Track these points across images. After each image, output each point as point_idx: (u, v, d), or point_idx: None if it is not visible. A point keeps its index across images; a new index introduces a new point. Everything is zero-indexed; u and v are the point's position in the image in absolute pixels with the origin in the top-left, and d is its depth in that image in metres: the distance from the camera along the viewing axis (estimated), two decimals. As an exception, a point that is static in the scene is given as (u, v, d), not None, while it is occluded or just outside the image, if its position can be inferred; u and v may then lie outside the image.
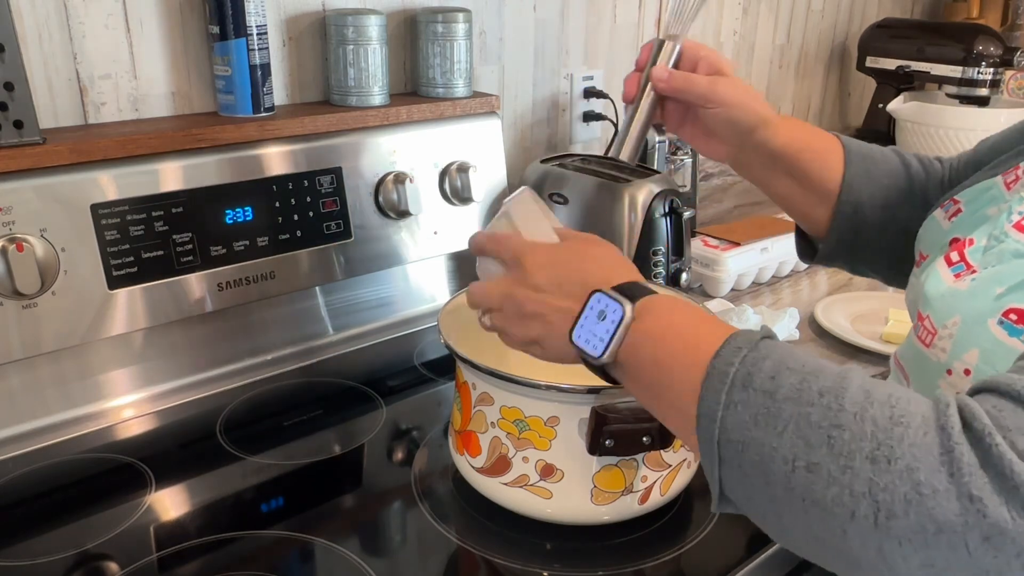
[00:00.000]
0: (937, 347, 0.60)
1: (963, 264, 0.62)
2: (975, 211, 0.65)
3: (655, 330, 0.54)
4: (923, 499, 0.40)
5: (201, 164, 0.91)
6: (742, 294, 1.28)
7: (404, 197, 1.04)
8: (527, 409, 0.69)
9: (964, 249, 0.63)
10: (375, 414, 0.94)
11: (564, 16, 1.34)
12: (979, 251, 0.61)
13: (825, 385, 0.45)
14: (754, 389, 0.46)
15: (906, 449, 0.41)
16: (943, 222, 0.68)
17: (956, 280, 0.61)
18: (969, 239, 0.63)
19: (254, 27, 0.94)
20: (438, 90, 1.13)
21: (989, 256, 0.60)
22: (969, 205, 0.66)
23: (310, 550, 0.73)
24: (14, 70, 0.79)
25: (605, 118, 1.41)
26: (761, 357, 0.48)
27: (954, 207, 0.68)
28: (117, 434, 0.90)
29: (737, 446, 0.46)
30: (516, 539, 0.73)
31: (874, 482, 0.41)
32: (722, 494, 0.49)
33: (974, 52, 1.66)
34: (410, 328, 1.14)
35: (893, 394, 0.44)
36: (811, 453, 0.43)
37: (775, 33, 1.75)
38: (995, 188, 0.65)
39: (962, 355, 0.57)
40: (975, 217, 0.64)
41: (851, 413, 0.43)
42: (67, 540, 0.73)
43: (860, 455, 0.42)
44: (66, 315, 0.84)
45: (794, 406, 0.45)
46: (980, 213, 0.64)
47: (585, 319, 0.57)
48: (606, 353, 0.55)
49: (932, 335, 0.61)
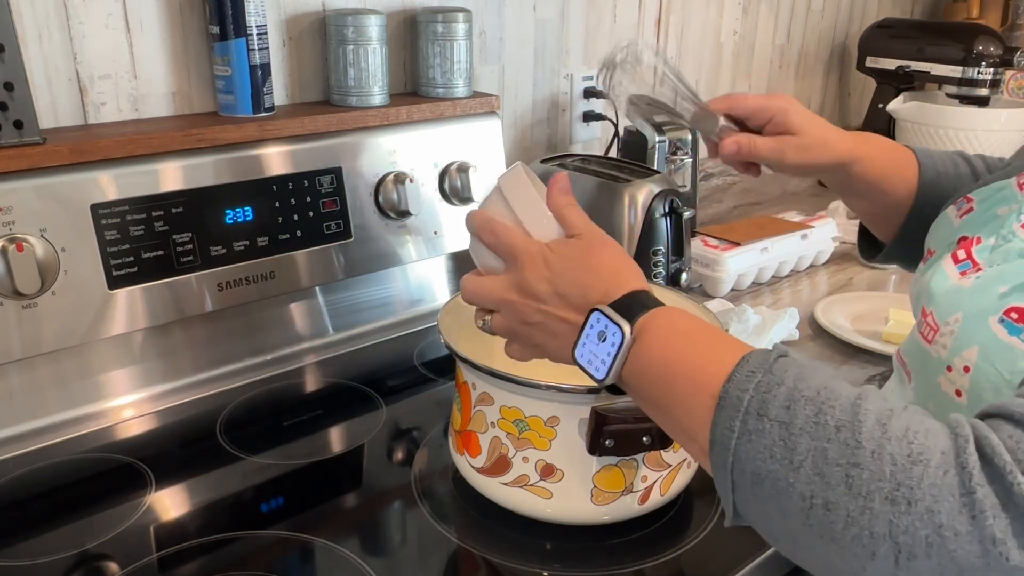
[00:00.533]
0: (938, 343, 0.60)
1: (969, 262, 0.62)
2: (986, 210, 0.65)
3: (658, 351, 0.54)
4: (944, 541, 0.40)
5: (201, 164, 0.91)
6: (742, 294, 1.28)
7: (404, 197, 1.04)
8: (527, 409, 0.69)
9: (971, 248, 0.63)
10: (375, 414, 0.94)
11: (564, 16, 1.34)
12: (986, 250, 0.61)
13: (842, 419, 0.44)
14: (769, 419, 0.46)
15: (926, 490, 0.41)
16: (954, 219, 0.68)
17: (962, 278, 0.61)
18: (976, 237, 0.63)
19: (254, 27, 0.94)
20: (438, 90, 1.13)
21: (995, 255, 0.60)
22: (981, 204, 0.67)
23: (310, 550, 0.73)
24: (14, 70, 0.79)
25: (605, 118, 1.41)
26: (775, 383, 0.47)
27: (967, 205, 0.68)
28: (117, 434, 0.90)
29: (752, 476, 0.46)
30: (516, 539, 0.73)
31: (894, 524, 0.41)
32: (736, 514, 0.49)
33: (974, 52, 1.66)
34: (410, 328, 1.14)
35: (910, 427, 0.43)
36: (829, 492, 0.43)
37: (775, 33, 1.75)
38: (1008, 188, 0.65)
39: (962, 351, 0.57)
40: (985, 216, 0.65)
41: (868, 450, 0.42)
42: (67, 540, 0.73)
43: (879, 496, 0.41)
44: (66, 315, 0.84)
45: (811, 440, 0.44)
46: (990, 212, 0.65)
47: (587, 338, 0.56)
48: (608, 376, 0.55)
49: (934, 331, 0.61)
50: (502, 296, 0.62)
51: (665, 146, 1.29)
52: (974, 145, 1.66)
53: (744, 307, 1.09)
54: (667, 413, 0.54)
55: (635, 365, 0.54)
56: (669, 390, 0.53)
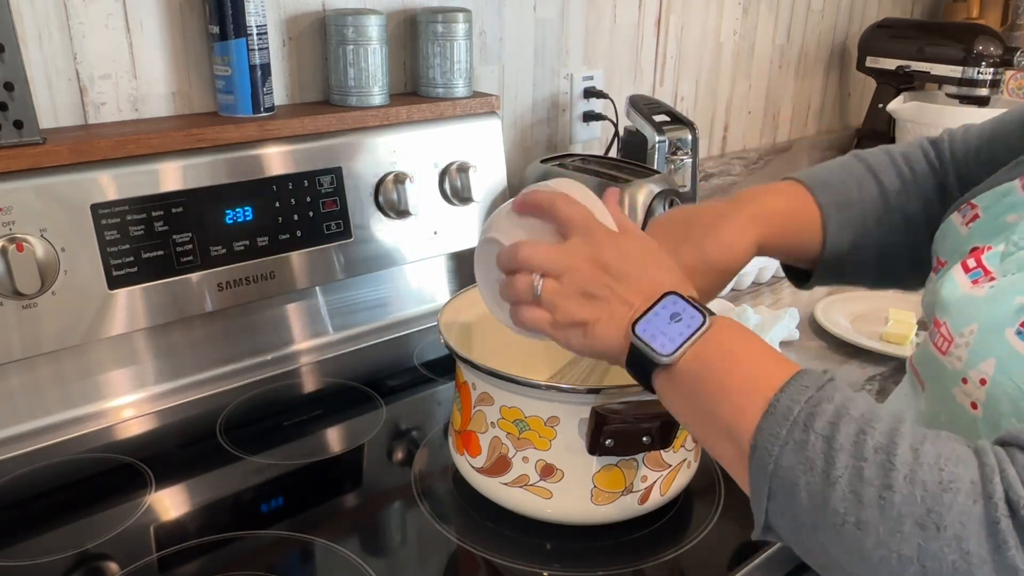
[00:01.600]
0: (953, 355, 0.59)
1: (980, 270, 0.61)
2: (995, 217, 0.64)
3: (726, 345, 0.54)
4: (970, 568, 0.41)
5: (201, 164, 0.91)
6: (742, 294, 1.28)
7: (404, 197, 1.04)
8: (527, 409, 0.69)
9: (981, 255, 0.61)
10: (375, 414, 0.94)
11: (564, 16, 1.34)
12: (997, 257, 0.60)
13: (880, 441, 0.45)
14: (814, 432, 0.47)
15: (955, 518, 0.42)
16: (961, 227, 0.67)
17: (974, 286, 0.60)
18: (987, 246, 0.62)
19: (254, 27, 0.94)
20: (438, 90, 1.13)
21: (1008, 263, 0.59)
22: (987, 211, 0.65)
23: (310, 550, 0.73)
24: (14, 70, 0.79)
25: (605, 118, 1.41)
26: (825, 399, 0.48)
27: (971, 212, 0.66)
28: (117, 434, 0.90)
29: (790, 486, 0.47)
30: (516, 539, 0.73)
31: (923, 548, 0.42)
32: (767, 525, 0.49)
33: (974, 52, 1.66)
34: (410, 328, 1.14)
35: (941, 454, 0.44)
36: (862, 511, 0.44)
37: (775, 33, 1.75)
38: (1013, 193, 0.64)
39: (978, 364, 0.57)
40: (995, 224, 0.63)
41: (902, 474, 0.44)
42: (67, 540, 0.73)
43: (910, 520, 0.43)
44: (66, 315, 0.84)
45: (849, 457, 0.45)
46: (1000, 220, 0.63)
47: (655, 316, 0.56)
48: (675, 354, 0.54)
49: (949, 342, 0.60)
50: (571, 262, 0.60)
51: (665, 146, 1.29)
52: (974, 145, 1.66)
53: (744, 307, 1.09)
54: (714, 408, 0.53)
55: (700, 352, 0.54)
56: (721, 390, 0.53)
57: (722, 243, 0.71)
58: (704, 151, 1.69)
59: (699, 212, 0.75)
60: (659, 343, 0.55)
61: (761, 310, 1.11)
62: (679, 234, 0.72)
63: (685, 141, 1.32)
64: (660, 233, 0.73)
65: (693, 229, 0.72)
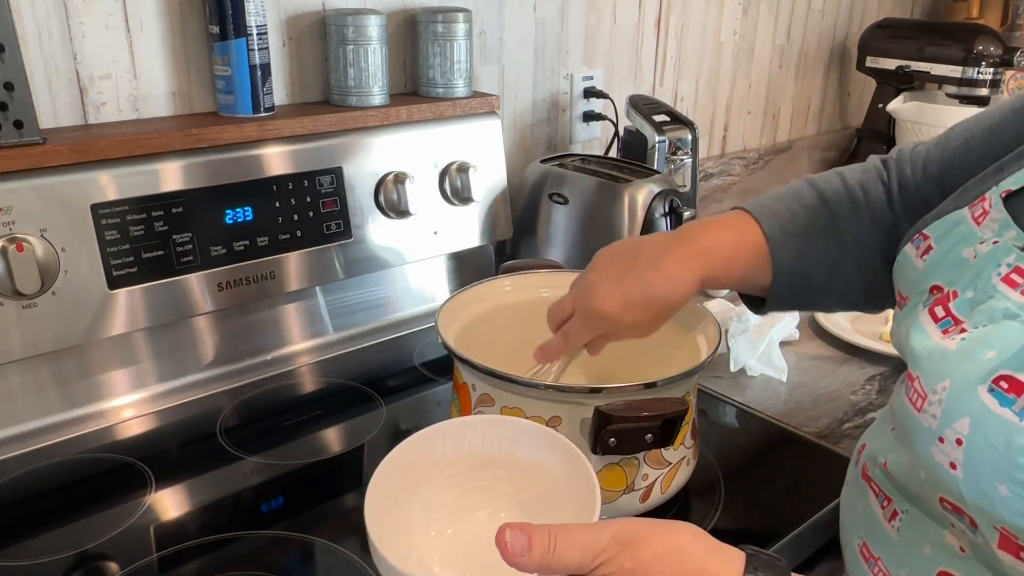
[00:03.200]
0: (928, 412, 0.57)
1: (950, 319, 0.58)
2: (948, 250, 0.62)
3: None
4: None
5: (201, 164, 0.91)
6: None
7: (404, 197, 1.04)
8: (528, 410, 0.69)
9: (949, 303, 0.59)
10: (375, 414, 0.94)
11: (564, 16, 1.34)
12: (966, 305, 0.58)
13: None
14: None
15: None
16: (916, 260, 0.65)
17: (944, 337, 0.58)
18: (953, 291, 0.59)
19: (254, 27, 0.94)
20: (438, 90, 1.13)
21: (978, 314, 0.57)
22: (939, 242, 0.63)
23: (310, 550, 0.73)
24: (14, 70, 0.79)
25: (605, 118, 1.41)
26: None
27: (924, 243, 0.65)
28: (117, 434, 0.90)
29: None
30: (516, 539, 0.73)
31: None
32: None
33: (974, 52, 1.66)
34: (410, 328, 1.14)
35: None
36: None
37: (775, 33, 1.75)
38: (964, 224, 0.61)
39: (953, 423, 0.54)
40: (949, 259, 0.61)
41: None
42: (67, 540, 0.73)
43: None
44: (66, 315, 0.84)
45: None
46: (954, 254, 0.61)
47: None
48: None
49: (923, 399, 0.58)
50: None
51: (665, 146, 1.29)
52: (974, 145, 1.66)
53: (744, 307, 1.09)
54: None
55: None
56: None
57: (666, 277, 0.70)
58: (704, 151, 1.69)
59: (645, 244, 0.73)
60: None
61: (761, 310, 1.11)
62: (624, 265, 0.71)
63: (685, 141, 1.32)
64: (606, 263, 0.73)
65: (638, 262, 0.71)
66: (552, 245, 1.20)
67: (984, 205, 0.61)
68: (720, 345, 0.76)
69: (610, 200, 1.14)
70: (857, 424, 0.94)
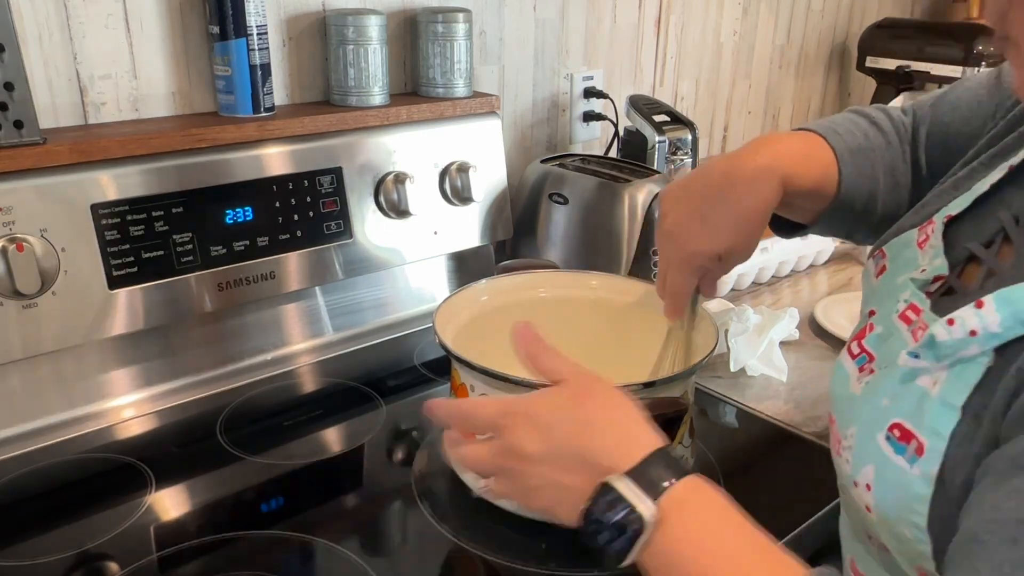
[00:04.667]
0: (843, 457, 0.57)
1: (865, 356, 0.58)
2: (894, 273, 0.62)
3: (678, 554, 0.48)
4: None
5: (201, 164, 0.91)
6: (742, 294, 1.28)
7: (404, 197, 1.04)
8: (527, 409, 0.69)
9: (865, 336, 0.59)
10: (375, 414, 0.94)
11: (564, 16, 1.34)
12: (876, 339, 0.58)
13: None
14: None
15: None
16: (872, 279, 0.65)
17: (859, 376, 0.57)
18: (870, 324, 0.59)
19: (254, 27, 0.94)
20: (438, 90, 1.13)
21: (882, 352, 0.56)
22: (892, 263, 0.63)
23: (310, 550, 0.73)
24: (14, 70, 0.79)
25: (605, 118, 1.41)
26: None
27: (881, 261, 0.65)
28: (117, 434, 0.90)
29: None
30: (516, 539, 0.73)
31: None
32: None
33: (974, 52, 1.66)
34: (410, 328, 1.14)
35: None
36: None
37: (775, 33, 1.75)
38: (910, 248, 0.61)
39: (861, 469, 0.54)
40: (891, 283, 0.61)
41: None
42: (67, 540, 0.73)
43: None
44: (66, 315, 0.84)
45: None
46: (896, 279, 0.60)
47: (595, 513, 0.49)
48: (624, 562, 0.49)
49: (838, 443, 0.58)
50: (494, 462, 0.56)
51: (665, 146, 1.29)
52: (974, 145, 1.66)
53: (744, 307, 1.09)
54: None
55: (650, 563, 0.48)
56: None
57: (747, 188, 0.67)
58: (704, 151, 1.69)
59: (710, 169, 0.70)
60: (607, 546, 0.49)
61: (761, 310, 1.11)
62: (695, 198, 0.69)
63: (685, 141, 1.32)
64: (673, 202, 0.71)
65: (710, 188, 0.68)
66: (552, 245, 1.20)
67: (928, 230, 0.61)
68: (719, 345, 0.76)
69: (610, 200, 1.14)
70: (857, 424, 0.94)
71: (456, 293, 0.84)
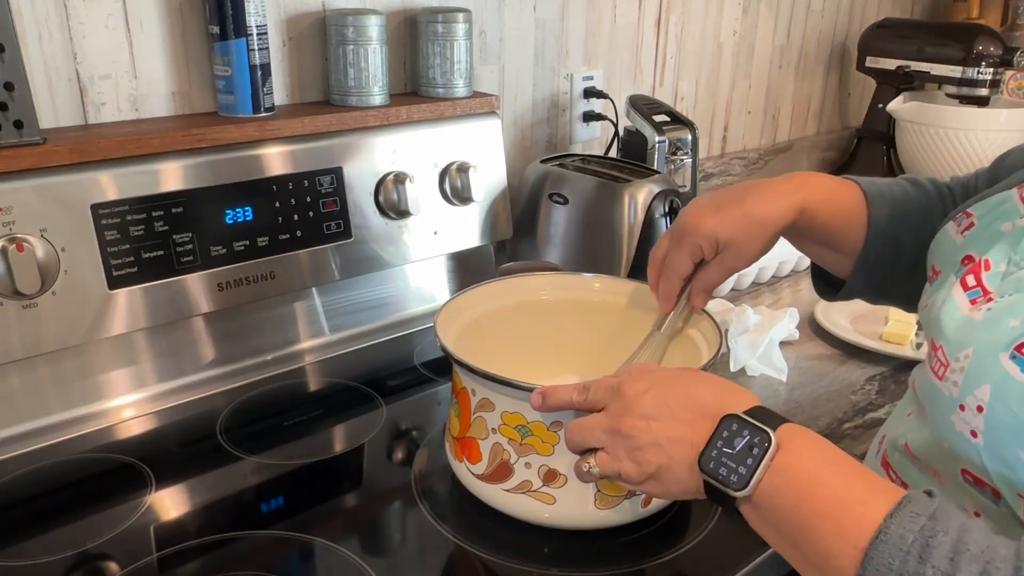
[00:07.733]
0: (949, 380, 0.57)
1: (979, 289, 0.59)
2: (987, 225, 0.63)
3: (802, 469, 0.51)
4: None
5: (201, 164, 0.91)
6: (742, 294, 1.28)
7: (404, 197, 1.04)
8: (530, 414, 0.69)
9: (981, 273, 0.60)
10: (375, 414, 0.94)
11: (564, 16, 1.34)
12: (997, 276, 0.58)
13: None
14: (932, 565, 0.44)
15: None
16: (955, 236, 0.66)
17: (972, 308, 0.58)
18: (985, 260, 0.60)
19: (254, 27, 0.94)
20: (438, 90, 1.13)
21: (1007, 283, 0.57)
22: (982, 219, 0.64)
23: (310, 550, 0.73)
24: (14, 70, 0.79)
25: (605, 118, 1.41)
26: (940, 530, 0.46)
27: (967, 220, 0.65)
28: (117, 434, 0.90)
29: None
30: (516, 540, 0.73)
31: None
32: None
33: (974, 52, 1.66)
34: (410, 328, 1.14)
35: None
36: None
37: (775, 33, 1.75)
38: (1009, 202, 0.62)
39: (974, 390, 0.54)
40: (988, 232, 0.62)
41: None
42: (67, 540, 0.73)
43: None
44: (66, 315, 0.84)
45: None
46: (993, 228, 0.62)
47: (717, 445, 0.54)
48: (749, 486, 0.52)
49: (945, 367, 0.58)
50: (607, 425, 0.60)
51: (665, 146, 1.30)
52: (974, 145, 1.66)
53: (744, 307, 1.09)
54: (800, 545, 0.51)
55: (774, 481, 0.52)
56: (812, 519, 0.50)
57: (764, 199, 0.72)
58: (704, 151, 1.69)
59: (741, 184, 0.77)
60: (729, 475, 0.53)
61: (761, 310, 1.11)
62: (722, 196, 0.74)
63: (685, 141, 1.32)
64: (703, 200, 0.75)
65: (734, 192, 0.74)
66: (552, 245, 1.20)
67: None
68: (721, 346, 0.76)
69: (610, 200, 1.14)
70: (857, 424, 0.94)
71: (458, 296, 0.84)
